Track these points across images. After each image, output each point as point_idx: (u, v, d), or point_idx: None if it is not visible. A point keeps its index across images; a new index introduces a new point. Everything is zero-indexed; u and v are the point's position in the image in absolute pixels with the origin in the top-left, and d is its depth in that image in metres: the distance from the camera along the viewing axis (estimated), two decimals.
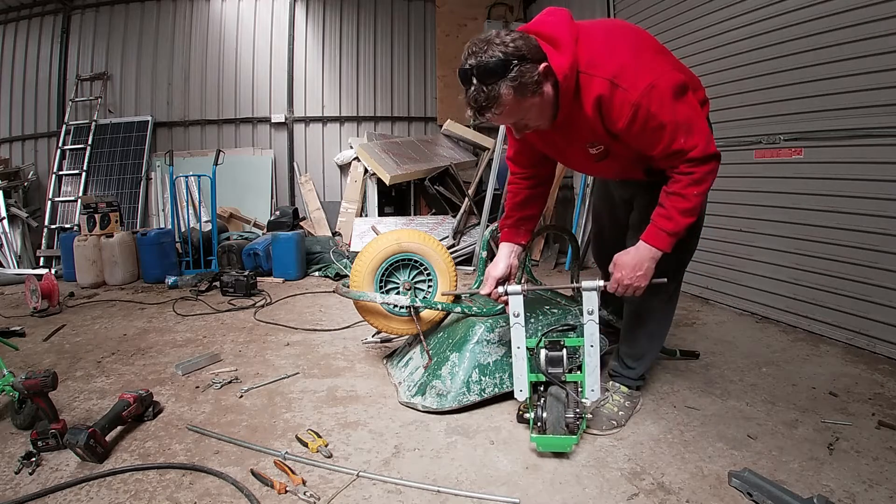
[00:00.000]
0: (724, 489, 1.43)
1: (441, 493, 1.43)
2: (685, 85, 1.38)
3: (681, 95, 1.37)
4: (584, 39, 1.35)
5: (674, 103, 1.34)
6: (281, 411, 1.95)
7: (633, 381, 1.88)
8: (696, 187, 1.41)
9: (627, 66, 1.32)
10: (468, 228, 5.11)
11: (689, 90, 1.41)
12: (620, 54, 1.34)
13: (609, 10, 4.54)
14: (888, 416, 1.83)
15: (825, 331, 2.71)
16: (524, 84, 1.29)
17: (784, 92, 2.87)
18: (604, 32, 1.40)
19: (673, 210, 1.44)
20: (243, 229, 5.69)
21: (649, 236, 1.50)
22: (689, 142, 1.37)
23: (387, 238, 2.17)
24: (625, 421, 1.82)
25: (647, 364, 1.90)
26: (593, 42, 1.35)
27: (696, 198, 1.43)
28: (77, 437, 1.53)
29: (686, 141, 1.36)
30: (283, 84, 6.16)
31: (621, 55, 1.34)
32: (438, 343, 2.12)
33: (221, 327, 3.10)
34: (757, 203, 3.09)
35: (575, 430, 1.60)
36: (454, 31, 6.43)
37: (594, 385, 1.63)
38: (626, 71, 1.32)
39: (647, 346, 1.84)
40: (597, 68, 1.33)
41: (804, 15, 2.72)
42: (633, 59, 1.34)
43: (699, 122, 1.40)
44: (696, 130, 1.38)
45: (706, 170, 1.41)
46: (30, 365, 2.48)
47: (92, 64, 6.03)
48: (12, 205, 5.37)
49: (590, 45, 1.34)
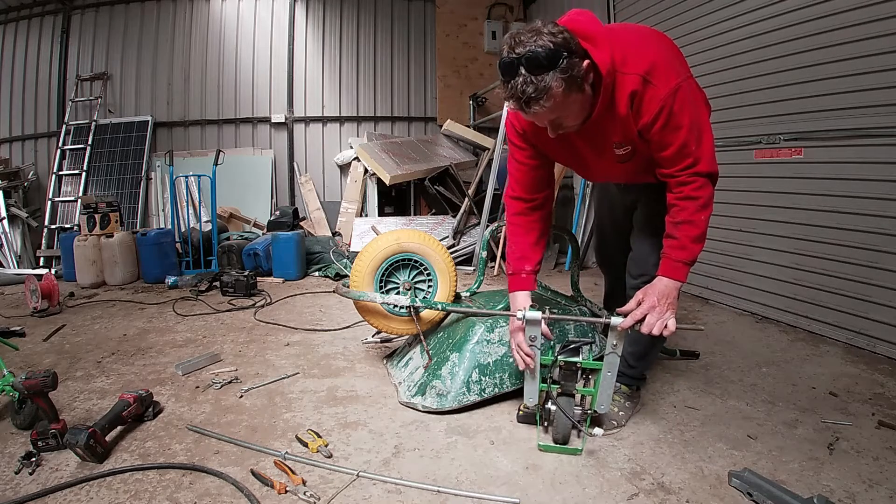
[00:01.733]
0: (724, 489, 1.43)
1: (441, 493, 1.43)
2: (703, 95, 1.44)
3: (700, 103, 1.41)
4: (616, 39, 1.35)
5: (694, 108, 1.38)
6: (281, 411, 1.95)
7: (635, 380, 1.89)
8: (704, 212, 1.43)
9: (658, 64, 1.35)
10: (468, 228, 5.11)
11: (704, 103, 1.45)
12: (651, 53, 1.36)
13: (609, 10, 4.54)
14: (888, 416, 1.83)
15: (825, 331, 2.71)
16: (573, 77, 1.26)
17: (784, 92, 2.87)
18: (633, 33, 1.42)
19: (685, 239, 1.46)
20: (243, 229, 5.69)
21: (666, 270, 1.49)
22: (698, 150, 1.40)
23: (387, 238, 2.17)
24: (625, 421, 1.83)
25: (648, 363, 1.90)
26: (625, 41, 1.36)
27: (704, 223, 1.45)
28: (77, 437, 1.53)
29: (696, 149, 1.39)
30: (283, 84, 6.17)
31: (652, 54, 1.36)
32: (438, 343, 2.12)
33: (221, 327, 3.10)
34: (757, 203, 3.09)
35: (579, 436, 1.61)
36: (454, 31, 6.43)
37: (605, 402, 1.61)
38: (657, 69, 1.34)
39: (649, 345, 1.82)
40: (629, 66, 1.34)
41: (804, 15, 2.72)
42: (662, 58, 1.36)
43: (708, 135, 1.43)
44: (705, 141, 1.41)
45: (709, 193, 1.44)
46: (30, 365, 2.48)
47: (92, 64, 6.03)
48: (12, 205, 5.37)
49: (622, 44, 1.35)
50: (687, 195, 1.44)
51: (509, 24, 6.37)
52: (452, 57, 6.45)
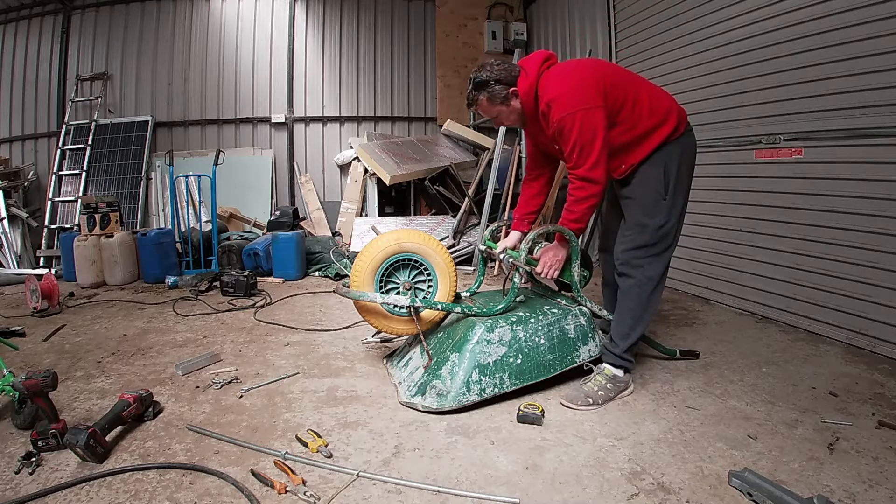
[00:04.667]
0: (724, 489, 1.43)
1: (441, 493, 1.43)
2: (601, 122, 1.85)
3: (592, 128, 1.84)
4: (547, 73, 1.95)
5: (581, 130, 1.84)
6: (281, 411, 1.96)
7: (617, 357, 2.03)
8: (577, 205, 1.94)
9: (561, 95, 1.87)
10: (468, 228, 5.11)
11: (602, 129, 1.84)
12: (560, 88, 1.88)
13: (609, 10, 4.54)
14: (888, 416, 1.83)
15: (825, 331, 2.71)
16: (494, 96, 1.99)
17: (784, 92, 2.87)
18: (563, 70, 1.95)
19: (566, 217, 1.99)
20: (243, 229, 5.69)
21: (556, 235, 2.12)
22: (579, 160, 1.87)
23: (387, 238, 2.17)
24: (602, 401, 1.96)
25: (630, 343, 2.03)
26: (554, 75, 1.94)
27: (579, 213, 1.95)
28: (77, 437, 1.53)
29: (578, 158, 1.88)
30: (283, 84, 6.17)
31: (560, 89, 1.88)
32: (438, 343, 2.12)
33: (221, 327, 3.10)
34: (757, 203, 3.09)
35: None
36: (454, 31, 6.43)
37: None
38: (558, 98, 1.87)
39: (630, 323, 2.03)
40: (546, 93, 1.92)
41: (804, 15, 2.72)
42: (566, 92, 1.87)
43: (593, 153, 1.85)
44: (588, 157, 1.86)
45: (585, 193, 1.91)
46: (30, 365, 2.48)
47: (92, 64, 6.03)
48: (12, 205, 5.37)
49: (547, 78, 1.94)
50: (570, 190, 1.96)
51: (509, 24, 6.37)
52: (452, 57, 6.45)
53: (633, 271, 2.00)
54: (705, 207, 3.42)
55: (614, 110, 1.89)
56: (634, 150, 1.95)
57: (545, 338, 2.04)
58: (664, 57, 3.82)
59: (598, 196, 1.93)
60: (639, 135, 1.93)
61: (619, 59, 4.44)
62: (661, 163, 1.95)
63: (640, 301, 2.01)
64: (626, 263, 2.02)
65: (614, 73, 1.97)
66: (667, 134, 1.93)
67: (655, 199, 1.96)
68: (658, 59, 3.89)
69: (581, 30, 5.18)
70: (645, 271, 1.98)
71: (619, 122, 1.91)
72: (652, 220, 1.95)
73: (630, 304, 2.03)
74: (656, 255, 1.99)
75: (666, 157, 1.95)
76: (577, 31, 5.27)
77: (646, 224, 1.96)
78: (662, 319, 3.08)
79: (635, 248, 1.99)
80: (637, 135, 1.93)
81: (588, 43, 5.02)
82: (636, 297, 2.01)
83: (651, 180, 1.96)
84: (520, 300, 2.22)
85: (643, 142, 1.94)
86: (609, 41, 4.57)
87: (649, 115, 1.92)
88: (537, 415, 1.81)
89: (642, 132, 1.93)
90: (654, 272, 1.99)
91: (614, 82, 1.91)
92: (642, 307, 2.02)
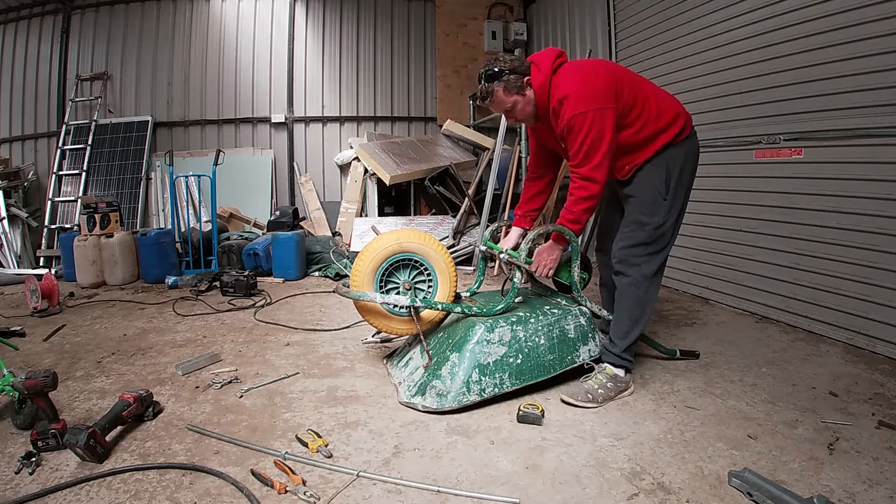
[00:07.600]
0: (724, 489, 1.43)
1: (441, 493, 1.43)
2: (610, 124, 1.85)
3: (601, 128, 1.84)
4: (560, 70, 1.96)
5: (591, 129, 1.84)
6: (281, 411, 1.95)
7: (617, 357, 2.05)
8: (577, 205, 1.95)
9: (571, 95, 1.87)
10: (468, 228, 5.11)
11: (611, 130, 1.85)
12: (571, 87, 1.88)
13: (609, 10, 4.54)
14: (888, 416, 1.83)
15: (825, 331, 2.71)
16: (510, 85, 1.97)
17: (784, 92, 2.87)
18: (578, 68, 1.96)
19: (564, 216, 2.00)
20: (243, 229, 5.69)
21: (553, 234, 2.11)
22: (584, 159, 1.88)
23: (387, 238, 2.17)
24: (601, 399, 1.97)
25: (628, 342, 2.05)
26: (563, 73, 1.95)
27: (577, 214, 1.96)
28: (77, 437, 1.53)
29: (583, 158, 1.88)
30: (283, 84, 6.17)
31: (572, 88, 1.88)
32: (438, 343, 2.12)
33: (221, 327, 3.10)
34: (757, 203, 3.09)
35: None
36: (454, 31, 6.43)
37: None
38: (569, 97, 1.88)
39: (629, 322, 2.05)
40: (557, 91, 1.93)
41: (804, 15, 2.72)
42: (577, 92, 1.86)
43: (598, 155, 1.86)
44: (593, 155, 1.86)
45: (585, 193, 1.91)
46: (30, 365, 2.48)
47: (92, 64, 6.03)
48: (12, 205, 5.37)
49: (560, 74, 1.95)
50: (571, 189, 1.96)
51: (509, 24, 6.37)
52: (452, 57, 6.45)
53: (630, 269, 2.03)
54: (705, 207, 3.42)
55: (625, 112, 1.91)
56: (640, 151, 1.98)
57: (545, 338, 2.05)
58: (664, 57, 3.82)
59: (598, 197, 1.95)
60: (647, 137, 1.95)
61: (619, 59, 4.44)
62: (663, 163, 1.97)
63: (637, 300, 2.04)
64: (623, 261, 2.04)
65: (626, 76, 1.99)
66: (672, 136, 1.96)
67: (655, 199, 1.97)
68: (658, 59, 3.89)
69: (581, 30, 5.18)
70: (641, 269, 2.02)
71: (629, 125, 1.93)
72: (651, 219, 1.98)
73: (627, 304, 2.05)
74: (652, 254, 2.02)
75: (669, 159, 1.97)
76: (577, 31, 5.28)
77: (644, 222, 1.99)
78: (662, 319, 3.08)
79: (633, 245, 2.02)
80: (645, 137, 1.95)
81: (588, 43, 5.02)
82: (633, 296, 2.04)
83: (653, 180, 1.98)
84: (520, 300, 2.22)
85: (650, 143, 1.96)
86: (609, 41, 4.58)
87: (657, 118, 1.95)
88: (537, 415, 1.81)
89: (650, 134, 1.95)
90: (650, 270, 2.02)
91: (626, 84, 1.93)
92: (640, 306, 2.05)
